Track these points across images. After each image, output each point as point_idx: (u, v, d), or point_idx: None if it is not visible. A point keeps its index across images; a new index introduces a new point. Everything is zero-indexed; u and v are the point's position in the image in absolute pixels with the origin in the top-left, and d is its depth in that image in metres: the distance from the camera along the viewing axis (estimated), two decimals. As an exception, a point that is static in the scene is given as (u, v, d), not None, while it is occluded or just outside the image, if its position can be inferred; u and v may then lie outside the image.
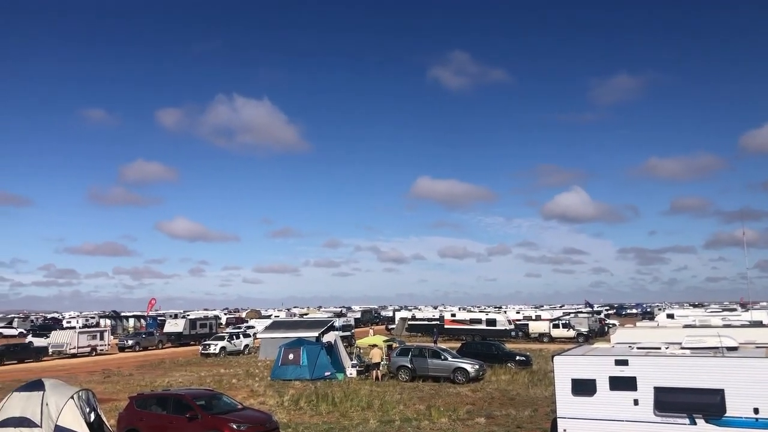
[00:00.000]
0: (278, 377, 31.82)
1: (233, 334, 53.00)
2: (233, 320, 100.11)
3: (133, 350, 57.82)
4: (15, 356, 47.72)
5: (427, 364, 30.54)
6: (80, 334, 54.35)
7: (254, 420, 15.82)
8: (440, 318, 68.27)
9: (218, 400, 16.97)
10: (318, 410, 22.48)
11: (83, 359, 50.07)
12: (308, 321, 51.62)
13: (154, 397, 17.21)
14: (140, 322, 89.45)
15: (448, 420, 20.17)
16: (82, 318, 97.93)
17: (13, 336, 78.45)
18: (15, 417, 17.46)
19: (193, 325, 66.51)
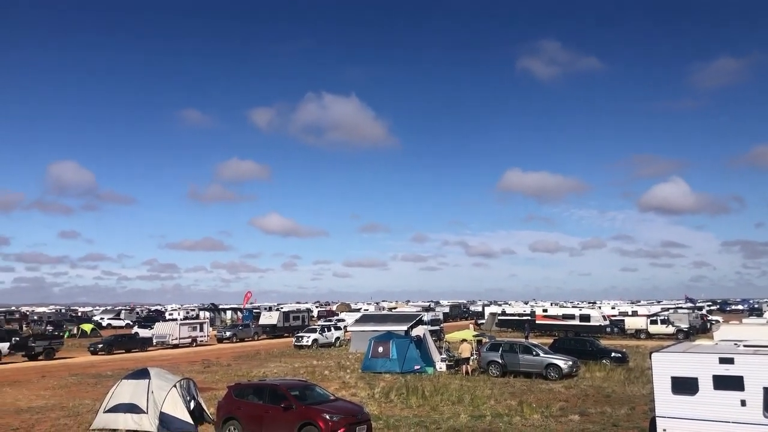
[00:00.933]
0: (368, 369, 32.22)
1: (325, 327, 54.09)
2: (324, 313, 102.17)
3: (230, 341, 60.14)
4: (123, 346, 50.68)
5: (518, 360, 30.09)
6: (181, 326, 57.04)
7: (346, 411, 16.08)
8: (531, 313, 67.10)
9: (312, 390, 17.36)
10: (408, 403, 22.61)
11: (184, 350, 52.49)
12: (397, 315, 51.95)
13: (251, 387, 17.80)
14: (237, 314, 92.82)
15: (540, 416, 19.80)
16: (182, 310, 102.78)
17: (120, 327, 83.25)
18: (124, 403, 18.59)
19: (286, 318, 68.43)
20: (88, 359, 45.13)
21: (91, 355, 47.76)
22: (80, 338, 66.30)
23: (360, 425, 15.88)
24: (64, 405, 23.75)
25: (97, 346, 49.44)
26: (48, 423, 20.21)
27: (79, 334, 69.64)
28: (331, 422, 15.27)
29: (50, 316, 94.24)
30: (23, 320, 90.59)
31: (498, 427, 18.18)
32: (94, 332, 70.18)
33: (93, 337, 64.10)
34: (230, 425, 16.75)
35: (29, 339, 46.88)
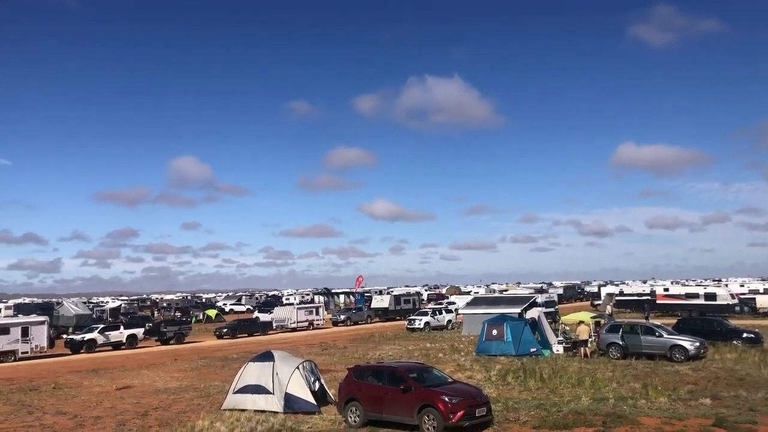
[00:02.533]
0: (483, 352, 32.05)
1: (436, 310, 54.28)
2: (434, 296, 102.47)
3: (345, 324, 61.68)
4: (245, 330, 53.23)
5: (640, 341, 28.92)
6: (299, 310, 59.12)
7: (465, 393, 16.09)
8: (651, 293, 64.19)
9: (429, 373, 17.50)
10: (526, 386, 22.32)
11: (302, 333, 54.40)
12: (509, 297, 51.26)
13: (370, 369, 18.18)
14: (350, 298, 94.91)
15: (667, 399, 18.96)
16: (298, 295, 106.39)
17: (242, 312, 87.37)
18: (251, 384, 19.52)
19: (397, 301, 69.26)
20: (214, 343, 47.75)
21: (216, 339, 50.49)
22: (205, 323, 70.20)
23: (479, 407, 15.84)
24: (196, 386, 25.27)
25: (222, 330, 52.21)
26: (183, 403, 21.58)
27: (205, 319, 73.74)
28: (451, 404, 15.33)
29: (177, 303, 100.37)
30: (154, 307, 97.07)
31: (623, 410, 17.59)
32: (218, 317, 74.06)
33: (217, 322, 67.71)
34: (352, 406, 17.19)
35: (161, 325, 50.24)
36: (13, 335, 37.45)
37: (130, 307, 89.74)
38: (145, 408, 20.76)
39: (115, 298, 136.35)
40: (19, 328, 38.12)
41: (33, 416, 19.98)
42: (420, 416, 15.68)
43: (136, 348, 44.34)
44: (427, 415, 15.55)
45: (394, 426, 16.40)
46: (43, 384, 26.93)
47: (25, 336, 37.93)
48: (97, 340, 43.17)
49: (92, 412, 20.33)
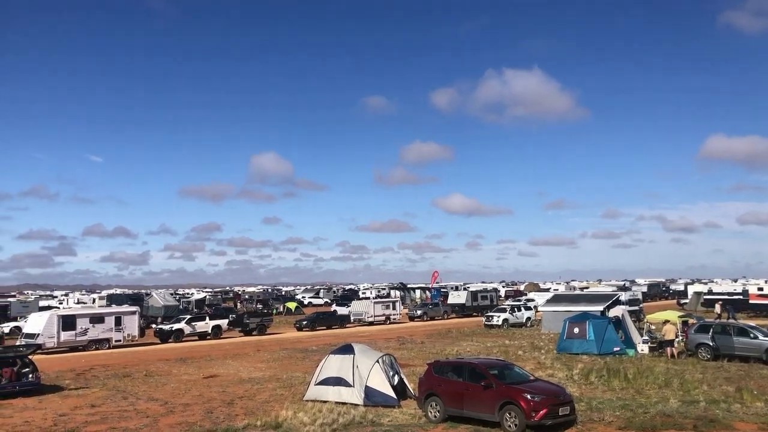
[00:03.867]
0: (564, 351, 31.39)
1: (514, 307, 53.54)
2: (512, 293, 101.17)
3: (421, 320, 61.73)
4: (324, 322, 54.17)
5: (733, 343, 27.58)
6: (376, 304, 59.60)
7: (548, 392, 15.81)
8: (743, 292, 61.10)
9: (510, 370, 17.29)
10: (610, 385, 21.71)
11: (379, 327, 54.83)
12: (591, 294, 49.93)
13: (450, 364, 18.13)
14: (425, 293, 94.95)
15: (764, 404, 18.02)
16: (374, 289, 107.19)
17: (320, 305, 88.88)
18: (332, 377, 19.85)
19: (474, 297, 68.76)
20: (294, 335, 48.82)
21: (296, 331, 51.59)
22: (285, 315, 71.83)
23: (562, 406, 15.54)
24: (278, 377, 25.92)
25: (302, 322, 53.32)
26: (267, 393, 22.18)
27: (285, 311, 75.47)
28: (533, 402, 15.10)
29: (259, 295, 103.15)
30: (237, 299, 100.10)
31: (714, 414, 16.83)
32: (297, 310, 75.63)
33: (296, 315, 69.16)
34: (432, 401, 17.19)
35: (244, 316, 51.75)
36: (107, 324, 39.48)
37: (214, 298, 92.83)
38: (230, 397, 21.46)
39: (200, 289, 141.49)
40: (113, 317, 40.14)
41: (127, 401, 21.01)
42: (501, 413, 15.52)
43: (221, 338, 45.86)
44: (509, 412, 15.38)
45: (474, 422, 16.31)
46: (136, 371, 28.27)
47: (118, 325, 39.90)
48: (185, 330, 44.93)
49: (181, 399, 21.19)
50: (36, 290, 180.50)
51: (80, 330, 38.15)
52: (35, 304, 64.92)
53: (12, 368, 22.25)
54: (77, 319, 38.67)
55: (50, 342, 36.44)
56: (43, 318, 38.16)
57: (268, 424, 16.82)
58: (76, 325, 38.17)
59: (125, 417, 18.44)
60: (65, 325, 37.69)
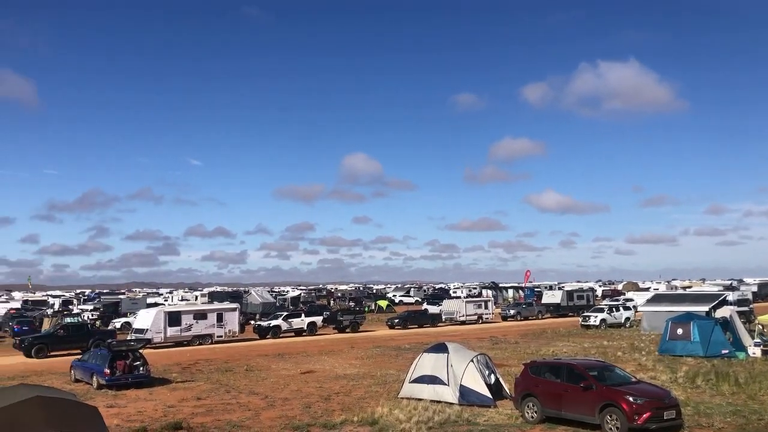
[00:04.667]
0: (666, 352, 30.09)
1: (612, 306, 51.78)
2: (609, 292, 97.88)
3: (514, 319, 60.80)
4: (416, 321, 54.35)
5: None
6: (467, 303, 59.20)
7: (652, 394, 15.21)
8: None
9: (611, 371, 16.75)
10: (719, 390, 20.63)
11: (471, 326, 54.44)
12: (695, 294, 47.54)
13: (547, 365, 17.77)
14: (518, 293, 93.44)
15: None
16: (465, 288, 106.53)
17: (410, 303, 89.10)
18: (427, 375, 19.90)
19: (570, 297, 67.04)
20: (386, 333, 49.25)
21: (388, 329, 52.02)
22: (377, 313, 72.57)
23: (668, 410, 14.91)
24: (372, 374, 26.24)
25: (394, 321, 53.73)
26: (362, 389, 22.51)
27: (376, 309, 76.26)
28: (636, 405, 14.58)
29: (351, 293, 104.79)
30: (330, 297, 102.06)
31: (839, 423, 15.68)
32: (388, 308, 76.26)
33: (388, 313, 69.71)
34: (529, 401, 16.92)
35: (338, 313, 52.71)
36: (209, 320, 41.22)
37: (308, 296, 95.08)
38: (327, 392, 21.93)
39: (295, 287, 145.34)
40: (215, 314, 41.87)
41: (230, 395, 21.88)
42: (602, 416, 15.08)
43: (316, 335, 46.90)
44: (610, 414, 14.92)
45: (573, 424, 15.93)
46: (237, 366, 29.38)
47: (220, 321, 41.57)
48: (282, 327, 46.26)
49: (280, 394, 21.85)
50: (143, 288, 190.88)
51: (185, 326, 40.04)
52: (143, 301, 68.65)
53: (125, 361, 23.64)
54: (182, 315, 40.63)
55: (157, 337, 38.42)
56: (150, 314, 40.31)
57: (365, 420, 17.07)
58: (181, 321, 40.10)
59: (229, 410, 19.21)
60: (171, 321, 39.67)
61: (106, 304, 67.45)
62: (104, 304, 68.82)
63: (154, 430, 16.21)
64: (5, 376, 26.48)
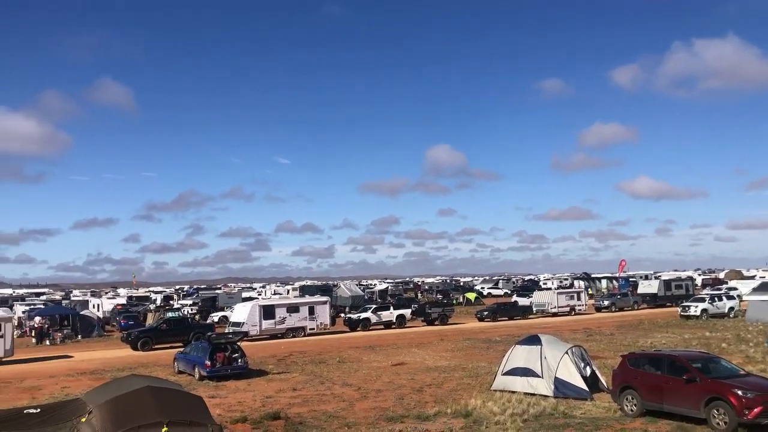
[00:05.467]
0: (777, 344, 28.41)
1: (714, 296, 49.32)
2: (710, 281, 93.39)
3: (609, 311, 58.93)
4: (505, 313, 53.66)
5: None
6: (559, 295, 57.90)
7: (763, 388, 14.37)
8: None
9: (716, 363, 15.97)
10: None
11: (563, 318, 53.22)
12: (807, 282, 44.67)
13: (647, 357, 17.12)
14: (612, 283, 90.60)
15: None
16: (555, 279, 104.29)
17: (499, 295, 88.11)
18: (519, 367, 19.64)
19: (667, 286, 64.43)
20: (476, 325, 48.91)
21: (478, 322, 51.61)
22: (465, 306, 72.11)
23: (782, 405, 14.06)
24: (463, 366, 26.14)
25: (483, 313, 53.25)
26: (454, 381, 22.48)
27: (465, 302, 75.81)
28: (746, 399, 13.84)
29: (438, 286, 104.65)
30: (417, 290, 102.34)
31: None
32: (477, 300, 75.61)
33: (476, 305, 69.13)
34: (627, 394, 16.38)
35: (426, 306, 52.79)
36: (302, 313, 42.25)
37: (396, 289, 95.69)
38: (419, 384, 22.03)
39: (382, 280, 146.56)
40: (307, 307, 42.88)
41: (324, 386, 22.36)
42: (708, 410, 14.41)
43: (405, 327, 47.17)
44: (717, 409, 14.23)
45: (676, 417, 15.30)
46: (329, 357, 29.97)
47: (312, 314, 42.53)
48: (371, 319, 46.81)
49: (373, 385, 22.13)
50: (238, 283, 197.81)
51: (279, 319, 41.21)
52: (239, 296, 71.14)
53: (224, 353, 24.58)
54: (276, 308, 41.84)
55: (253, 330, 39.72)
56: (246, 308, 41.74)
57: (458, 412, 17.05)
58: (275, 314, 41.30)
59: (324, 400, 19.65)
60: (266, 314, 40.93)
61: (204, 299, 70.31)
62: (202, 299, 71.75)
63: (254, 419, 16.78)
64: (116, 368, 28.11)
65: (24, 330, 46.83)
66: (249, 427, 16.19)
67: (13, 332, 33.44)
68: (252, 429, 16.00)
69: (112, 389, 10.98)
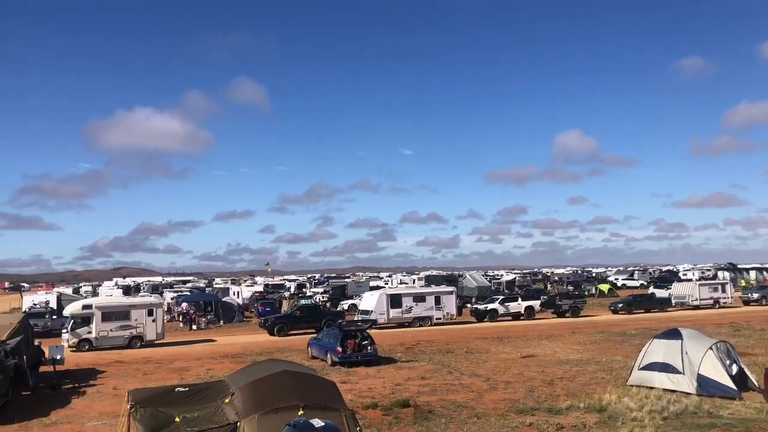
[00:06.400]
0: None
1: None
2: None
3: (759, 304, 54.75)
4: (642, 305, 51.13)
5: None
6: (701, 286, 54.38)
7: None
8: None
9: None
10: None
11: (706, 311, 49.94)
12: None
13: (804, 355, 15.75)
14: (762, 274, 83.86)
15: None
16: (697, 270, 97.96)
17: (635, 287, 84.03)
18: (658, 362, 18.66)
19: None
20: (609, 317, 47.01)
21: (611, 314, 49.56)
22: (598, 297, 69.50)
23: None
24: (597, 360, 25.24)
25: (617, 305, 51.05)
26: (587, 375, 21.75)
27: (597, 293, 73.08)
28: None
29: (569, 277, 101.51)
30: (546, 281, 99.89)
31: None
32: (610, 292, 72.65)
33: (609, 297, 66.45)
34: (782, 395, 15.13)
35: (556, 298, 51.40)
36: (428, 303, 42.53)
37: (523, 280, 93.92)
38: (550, 377, 21.52)
39: (509, 271, 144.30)
40: (433, 297, 43.13)
41: (452, 376, 22.39)
42: None
43: (533, 319, 46.19)
44: None
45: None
46: (457, 348, 29.95)
47: (438, 304, 42.71)
48: (498, 310, 46.25)
49: (502, 377, 21.89)
50: (365, 272, 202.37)
51: (405, 308, 41.74)
52: (366, 284, 72.77)
53: (354, 340, 25.26)
54: (403, 298, 42.42)
55: (381, 318, 40.47)
56: (374, 296, 42.63)
57: (592, 406, 16.48)
58: (402, 303, 41.87)
59: (452, 390, 19.68)
60: (393, 303, 41.61)
61: (335, 287, 72.60)
62: (333, 287, 74.12)
63: (384, 406, 17.11)
64: (255, 352, 29.69)
65: (173, 315, 50.54)
66: (380, 413, 16.54)
67: (164, 317, 36.28)
68: (382, 415, 16.33)
69: (252, 372, 11.61)
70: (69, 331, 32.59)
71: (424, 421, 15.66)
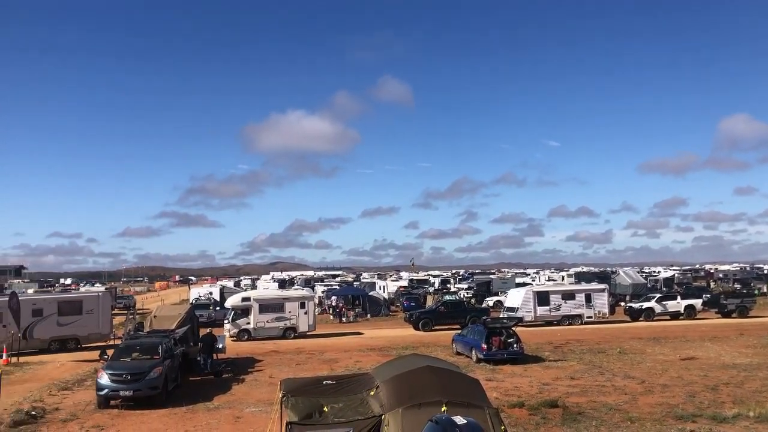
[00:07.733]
0: None
1: None
2: None
3: None
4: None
5: None
6: None
7: None
8: None
9: None
10: None
11: None
12: None
13: None
14: None
15: None
16: None
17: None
18: None
19: None
20: (784, 319, 42.78)
21: (786, 315, 45.07)
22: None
23: None
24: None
25: (793, 306, 46.30)
26: (758, 381, 19.91)
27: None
28: None
29: (735, 274, 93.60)
30: (709, 278, 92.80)
31: None
32: (785, 291, 66.11)
33: (785, 296, 60.47)
34: None
35: (720, 296, 47.57)
36: (578, 301, 40.95)
37: (683, 277, 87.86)
38: (713, 382, 19.93)
39: (667, 267, 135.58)
40: (583, 294, 41.46)
41: (604, 377, 21.38)
42: None
43: (694, 319, 43.06)
44: None
45: None
46: (609, 348, 28.58)
47: (589, 302, 40.98)
48: (655, 309, 43.60)
49: (659, 380, 20.58)
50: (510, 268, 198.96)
51: (553, 305, 40.49)
52: (512, 281, 71.40)
53: (500, 338, 24.86)
54: (550, 295, 41.18)
55: (527, 315, 39.53)
56: (520, 293, 41.75)
57: (763, 416, 15.04)
58: (550, 300, 40.66)
59: (604, 392, 18.78)
60: (540, 300, 40.52)
61: (479, 284, 71.95)
62: (477, 283, 73.51)
63: (531, 405, 16.66)
64: (400, 346, 30.16)
65: (323, 308, 52.64)
66: (526, 412, 16.13)
67: (315, 310, 37.89)
68: (529, 415, 15.91)
69: (396, 366, 11.75)
70: (230, 321, 34.95)
71: (573, 422, 15.07)
